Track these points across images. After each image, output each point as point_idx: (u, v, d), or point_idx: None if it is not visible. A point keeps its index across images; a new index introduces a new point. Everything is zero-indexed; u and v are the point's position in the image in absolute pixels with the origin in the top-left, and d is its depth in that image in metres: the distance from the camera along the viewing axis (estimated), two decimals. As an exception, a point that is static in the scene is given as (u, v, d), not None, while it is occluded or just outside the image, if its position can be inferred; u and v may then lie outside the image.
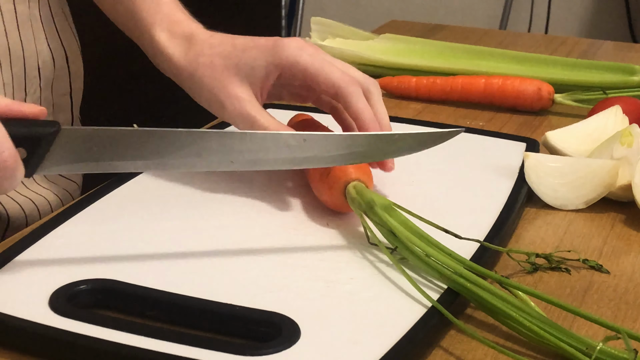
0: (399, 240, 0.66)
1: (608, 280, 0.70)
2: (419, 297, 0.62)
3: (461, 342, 0.61)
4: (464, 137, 0.95)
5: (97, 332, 0.57)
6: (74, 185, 0.96)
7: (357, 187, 0.72)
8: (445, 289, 0.64)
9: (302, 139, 0.70)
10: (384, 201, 0.69)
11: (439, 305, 0.61)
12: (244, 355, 0.55)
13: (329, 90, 0.77)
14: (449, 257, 0.65)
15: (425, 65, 1.17)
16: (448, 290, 0.63)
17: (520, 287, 0.62)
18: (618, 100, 0.94)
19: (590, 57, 1.28)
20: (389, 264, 0.67)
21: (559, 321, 0.61)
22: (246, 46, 0.78)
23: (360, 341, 0.58)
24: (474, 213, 0.77)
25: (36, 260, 0.66)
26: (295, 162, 0.70)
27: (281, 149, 0.69)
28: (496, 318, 0.61)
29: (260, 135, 0.69)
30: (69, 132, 0.64)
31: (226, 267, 0.67)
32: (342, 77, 0.77)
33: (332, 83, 0.77)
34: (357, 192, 0.71)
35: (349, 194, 0.72)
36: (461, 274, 0.62)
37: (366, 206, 0.69)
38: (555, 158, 0.84)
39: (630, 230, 0.78)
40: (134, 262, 0.66)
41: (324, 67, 0.77)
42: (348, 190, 0.72)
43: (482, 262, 0.67)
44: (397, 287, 0.64)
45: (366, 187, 0.72)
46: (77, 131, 0.64)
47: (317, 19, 1.26)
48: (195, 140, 0.67)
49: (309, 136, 0.70)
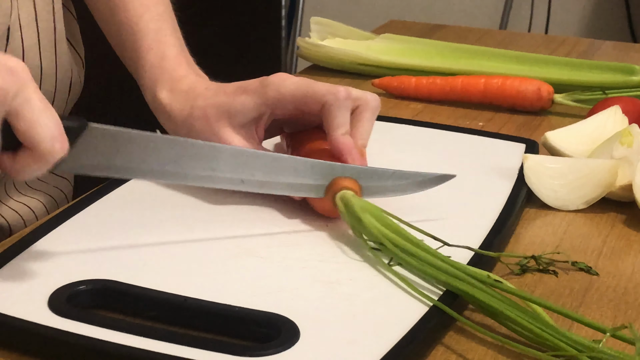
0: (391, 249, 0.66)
1: (608, 280, 0.70)
2: (419, 297, 0.62)
3: (461, 342, 0.61)
4: (464, 137, 0.95)
5: (96, 332, 0.57)
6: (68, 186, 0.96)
7: (345, 198, 0.71)
8: (444, 291, 0.63)
9: (309, 165, 0.73)
10: (374, 211, 0.69)
11: (440, 304, 0.61)
12: (244, 356, 0.55)
13: (315, 106, 0.77)
14: (444, 262, 0.64)
15: (425, 65, 1.17)
16: (447, 292, 0.63)
17: (516, 292, 0.62)
18: (618, 100, 0.94)
19: (590, 57, 1.28)
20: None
21: (558, 322, 0.61)
22: (236, 92, 0.79)
23: (359, 342, 0.58)
24: (474, 214, 0.76)
25: (36, 260, 0.66)
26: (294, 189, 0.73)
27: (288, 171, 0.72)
28: (495, 319, 0.61)
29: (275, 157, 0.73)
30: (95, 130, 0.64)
31: (226, 267, 0.67)
32: (328, 90, 0.77)
33: (317, 97, 0.77)
34: (344, 203, 0.70)
35: (338, 204, 0.71)
36: (457, 277, 0.62)
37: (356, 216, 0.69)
38: (554, 159, 0.84)
39: (630, 230, 0.78)
40: (133, 263, 0.66)
41: (310, 86, 0.78)
42: (336, 201, 0.71)
43: (480, 265, 0.67)
44: (396, 288, 0.64)
45: (355, 196, 0.71)
46: (104, 129, 0.65)
47: (317, 18, 1.26)
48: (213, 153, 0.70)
49: (316, 163, 0.73)
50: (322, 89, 0.77)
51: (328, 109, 0.77)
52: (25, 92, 0.59)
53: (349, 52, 1.19)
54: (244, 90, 0.79)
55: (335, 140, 0.76)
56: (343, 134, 0.76)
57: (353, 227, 0.70)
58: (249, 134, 0.79)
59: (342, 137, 0.76)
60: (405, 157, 0.88)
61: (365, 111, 0.78)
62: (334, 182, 0.73)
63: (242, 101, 0.78)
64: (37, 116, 0.59)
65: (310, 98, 0.77)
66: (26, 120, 0.59)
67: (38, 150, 0.60)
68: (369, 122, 0.79)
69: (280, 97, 0.78)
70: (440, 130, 0.96)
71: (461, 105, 1.10)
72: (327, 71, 1.21)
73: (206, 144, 0.70)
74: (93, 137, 0.64)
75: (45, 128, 0.59)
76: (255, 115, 0.79)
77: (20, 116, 0.59)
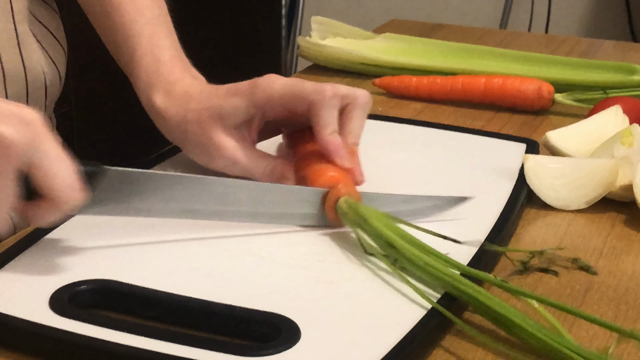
0: (397, 250, 0.66)
1: (608, 280, 0.70)
2: (419, 298, 0.62)
3: (461, 342, 0.61)
4: (464, 137, 0.95)
5: (97, 332, 0.57)
6: None
7: (349, 201, 0.71)
8: (444, 293, 0.63)
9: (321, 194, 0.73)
10: (377, 213, 0.69)
11: (438, 306, 0.60)
12: (244, 356, 0.56)
13: (303, 106, 0.77)
14: (446, 263, 0.64)
15: (426, 65, 1.17)
16: (447, 294, 0.63)
17: (518, 290, 0.62)
18: (618, 100, 0.94)
19: (590, 57, 1.28)
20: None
21: (559, 321, 0.61)
22: (228, 94, 0.79)
23: (360, 342, 0.58)
24: (474, 214, 0.76)
25: (36, 260, 0.66)
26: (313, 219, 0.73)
27: (303, 204, 0.73)
28: (495, 323, 0.61)
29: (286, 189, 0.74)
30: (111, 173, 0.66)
31: (226, 267, 0.67)
32: (314, 89, 0.77)
33: (304, 96, 0.77)
34: (348, 206, 0.70)
35: (340, 208, 0.71)
36: (459, 280, 0.62)
37: (360, 219, 0.69)
38: (555, 159, 0.84)
39: (631, 230, 0.78)
40: (134, 263, 0.66)
41: (297, 85, 0.77)
42: (339, 205, 0.71)
43: (482, 264, 0.67)
44: (397, 288, 0.64)
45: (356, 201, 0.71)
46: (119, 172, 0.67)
47: (317, 18, 1.26)
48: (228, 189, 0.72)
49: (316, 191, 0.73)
50: (309, 88, 0.77)
51: (314, 108, 0.76)
52: (41, 144, 0.60)
53: (350, 52, 1.19)
54: (234, 93, 0.79)
55: (323, 140, 0.76)
56: (330, 133, 0.76)
57: (356, 232, 0.70)
58: (242, 136, 0.80)
59: (330, 137, 0.76)
60: (406, 157, 0.88)
61: (355, 108, 0.78)
62: (334, 189, 0.72)
63: (233, 103, 0.78)
64: (53, 167, 0.61)
65: (298, 98, 0.77)
66: (42, 171, 0.60)
67: (55, 200, 0.61)
68: (359, 120, 0.78)
69: (269, 98, 0.78)
70: (441, 130, 0.96)
71: (462, 105, 1.10)
72: (328, 71, 1.21)
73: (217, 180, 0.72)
74: (109, 181, 0.66)
75: (61, 179, 0.61)
76: (246, 117, 0.79)
77: (37, 167, 0.60)
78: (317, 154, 0.76)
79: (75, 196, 0.62)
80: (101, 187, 0.66)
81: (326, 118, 0.76)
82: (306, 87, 0.77)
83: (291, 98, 0.77)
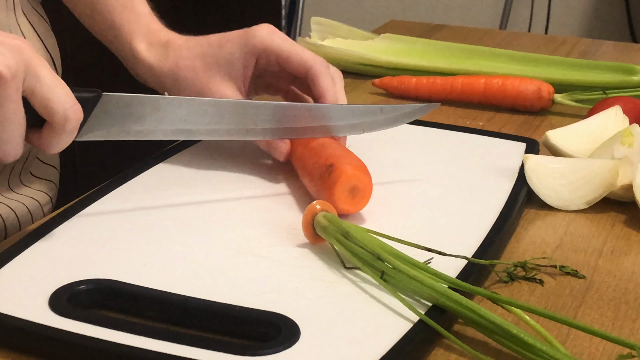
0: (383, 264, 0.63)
1: (608, 280, 0.70)
2: (419, 299, 0.62)
3: (462, 340, 0.60)
4: (464, 137, 0.95)
5: (97, 332, 0.57)
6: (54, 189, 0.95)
7: (328, 215, 0.68)
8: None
9: (307, 109, 0.78)
10: (358, 228, 0.67)
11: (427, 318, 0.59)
12: (244, 356, 0.55)
13: (300, 69, 0.81)
14: (434, 277, 0.62)
15: (426, 65, 1.17)
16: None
17: (510, 301, 0.61)
18: (618, 100, 0.94)
19: (590, 57, 1.28)
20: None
21: (556, 328, 0.61)
22: (221, 42, 0.82)
23: (359, 341, 0.58)
24: (474, 214, 0.76)
25: (36, 260, 0.66)
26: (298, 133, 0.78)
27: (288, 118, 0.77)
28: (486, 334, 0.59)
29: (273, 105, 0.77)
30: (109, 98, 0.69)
31: (226, 267, 0.67)
32: (313, 57, 0.82)
33: (304, 61, 0.81)
34: (328, 220, 0.68)
35: (318, 223, 0.68)
36: (446, 294, 0.60)
37: (342, 232, 0.66)
38: (555, 159, 0.84)
39: (631, 230, 0.78)
40: (134, 262, 0.66)
41: (295, 48, 0.82)
42: (317, 220, 0.68)
43: (474, 273, 0.66)
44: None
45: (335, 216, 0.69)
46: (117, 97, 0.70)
47: (317, 18, 1.26)
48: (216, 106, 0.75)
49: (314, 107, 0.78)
50: (308, 54, 0.82)
51: (315, 75, 0.81)
52: (34, 69, 0.62)
53: (350, 52, 1.19)
54: (228, 40, 0.81)
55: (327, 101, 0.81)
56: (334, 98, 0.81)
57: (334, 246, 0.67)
58: (237, 85, 0.82)
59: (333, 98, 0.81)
60: (406, 157, 0.88)
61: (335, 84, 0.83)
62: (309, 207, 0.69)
63: (230, 50, 0.81)
64: (50, 89, 0.63)
65: (295, 59, 0.81)
66: (39, 96, 0.63)
67: (55, 122, 0.64)
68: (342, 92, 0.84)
69: (267, 48, 0.81)
70: (441, 130, 0.96)
71: (461, 105, 1.10)
72: (328, 71, 1.21)
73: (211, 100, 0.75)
74: (108, 105, 0.69)
75: (58, 100, 0.63)
76: (242, 65, 0.81)
77: (34, 93, 0.63)
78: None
79: (72, 116, 0.64)
80: (96, 111, 0.69)
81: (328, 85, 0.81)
82: (306, 53, 0.82)
83: (288, 56, 0.81)
